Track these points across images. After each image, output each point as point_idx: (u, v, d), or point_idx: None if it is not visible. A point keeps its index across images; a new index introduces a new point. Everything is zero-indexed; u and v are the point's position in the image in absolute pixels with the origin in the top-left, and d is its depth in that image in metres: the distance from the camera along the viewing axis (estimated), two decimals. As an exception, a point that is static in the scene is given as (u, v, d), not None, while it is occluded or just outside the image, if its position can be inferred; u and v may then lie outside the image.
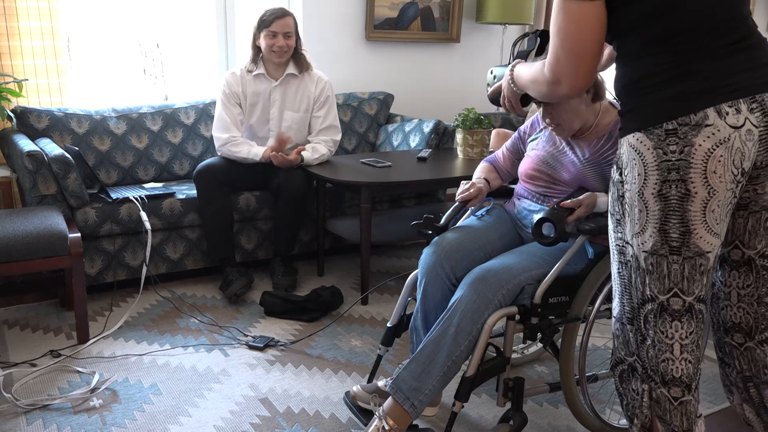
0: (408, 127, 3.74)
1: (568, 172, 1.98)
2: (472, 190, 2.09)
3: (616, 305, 1.45)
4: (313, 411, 2.15)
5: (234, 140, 3.15)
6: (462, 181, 2.17)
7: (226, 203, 3.07)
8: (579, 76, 1.31)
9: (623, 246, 1.38)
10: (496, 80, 1.77)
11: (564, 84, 1.33)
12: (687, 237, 1.29)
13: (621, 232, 1.38)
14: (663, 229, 1.30)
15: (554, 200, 1.95)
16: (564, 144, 2.03)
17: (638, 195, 1.31)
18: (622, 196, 1.35)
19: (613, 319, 1.47)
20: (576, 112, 1.92)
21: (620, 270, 1.41)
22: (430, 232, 2.08)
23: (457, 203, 2.13)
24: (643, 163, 1.29)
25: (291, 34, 3.14)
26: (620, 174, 1.35)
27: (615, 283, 1.44)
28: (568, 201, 1.86)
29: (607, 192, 1.91)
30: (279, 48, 3.11)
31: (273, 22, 3.08)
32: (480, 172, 2.25)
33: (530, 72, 1.47)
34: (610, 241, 1.44)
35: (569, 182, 1.98)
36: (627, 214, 1.35)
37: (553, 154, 2.04)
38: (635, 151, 1.30)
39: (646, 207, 1.30)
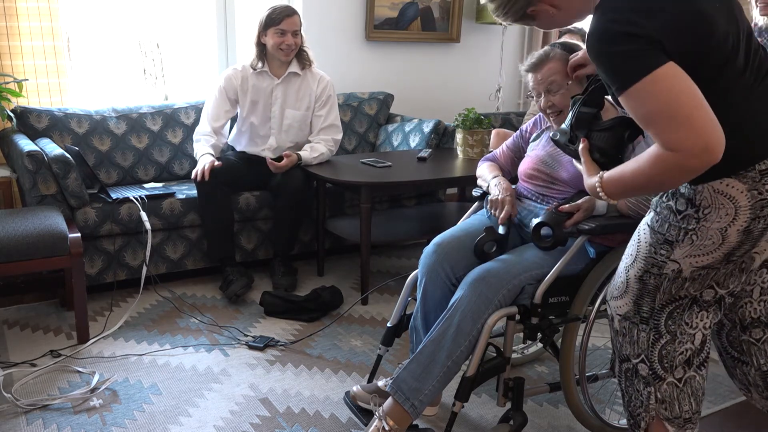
0: (408, 127, 3.74)
1: (567, 171, 1.98)
2: (507, 207, 2.01)
3: (625, 304, 1.44)
4: (313, 411, 2.15)
5: (205, 139, 3.18)
6: (489, 198, 2.09)
7: (226, 203, 3.07)
8: (713, 131, 1.17)
9: (663, 262, 1.37)
10: (561, 146, 1.58)
11: (705, 152, 1.17)
12: (750, 252, 1.32)
13: (667, 251, 1.36)
14: (731, 252, 1.31)
15: (553, 204, 1.95)
16: (564, 144, 2.03)
17: (720, 230, 1.30)
18: (691, 229, 1.32)
19: (618, 317, 1.47)
20: None
21: (645, 278, 1.40)
22: (494, 249, 1.96)
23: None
24: (735, 205, 1.28)
25: (298, 32, 3.15)
26: (696, 211, 1.31)
27: (630, 287, 1.43)
28: (567, 205, 1.87)
29: None
30: (287, 46, 3.11)
31: (282, 20, 3.08)
32: (491, 172, 2.21)
33: (639, 171, 1.27)
34: (636, 250, 1.42)
35: (568, 181, 1.98)
36: (690, 242, 1.33)
37: (552, 153, 2.04)
38: (724, 195, 1.28)
39: (724, 240, 1.30)
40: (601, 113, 1.50)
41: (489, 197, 2.10)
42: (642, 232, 1.42)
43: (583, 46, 2.01)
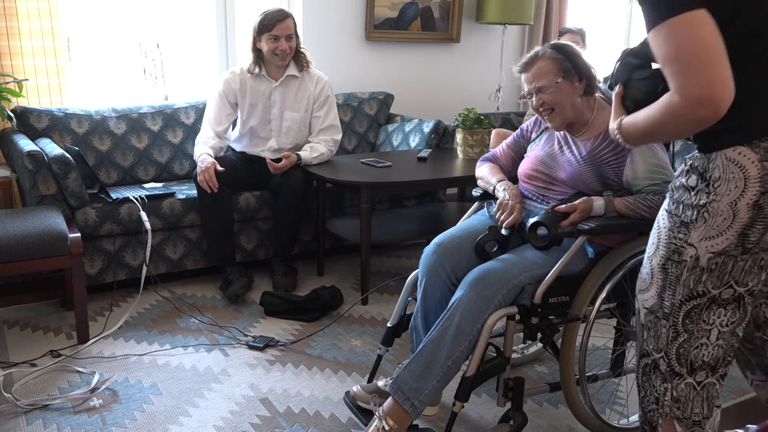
0: (408, 127, 3.74)
1: (565, 172, 1.98)
2: (515, 215, 2.01)
3: (651, 297, 1.45)
4: (313, 411, 2.15)
5: (205, 141, 3.17)
6: (499, 201, 2.07)
7: (226, 203, 3.07)
8: (719, 84, 1.19)
9: (681, 247, 1.38)
10: (602, 92, 1.62)
11: (708, 102, 1.20)
12: (764, 237, 1.32)
13: (684, 234, 1.37)
14: (744, 233, 1.32)
15: (550, 203, 1.95)
16: (563, 143, 2.04)
17: (730, 204, 1.31)
18: (703, 206, 1.33)
19: (644, 311, 1.47)
20: (570, 97, 1.94)
21: (667, 266, 1.41)
22: (495, 249, 1.98)
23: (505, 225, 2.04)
24: (745, 175, 1.29)
25: (292, 36, 3.14)
26: (707, 185, 1.33)
27: (655, 277, 1.44)
28: (563, 206, 1.87)
29: (602, 194, 1.91)
30: (282, 51, 3.11)
31: (275, 25, 3.07)
32: (494, 175, 2.19)
33: (650, 117, 1.32)
34: (657, 238, 1.43)
35: (566, 182, 1.98)
36: (703, 221, 1.34)
37: (551, 153, 2.05)
38: (735, 164, 1.29)
39: (735, 215, 1.31)
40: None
41: (498, 201, 2.08)
42: (660, 218, 1.44)
43: (578, 48, 2.01)
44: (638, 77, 1.46)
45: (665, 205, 1.43)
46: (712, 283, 1.36)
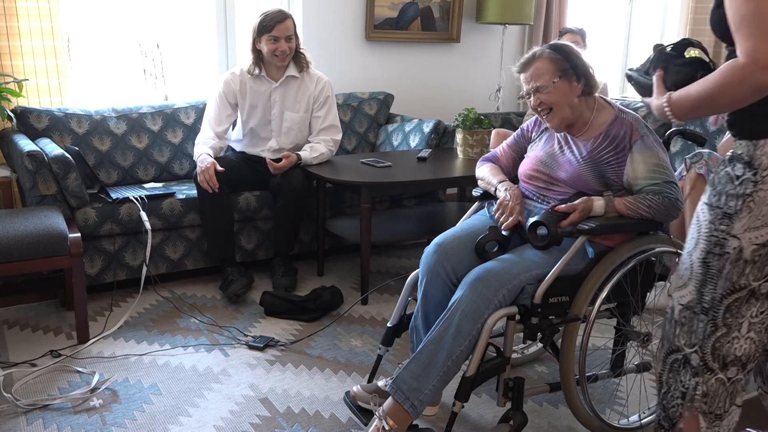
0: (408, 127, 3.74)
1: (565, 171, 1.98)
2: (515, 216, 2.01)
3: (689, 293, 1.44)
4: (313, 411, 2.15)
5: (205, 141, 3.17)
6: (499, 201, 2.07)
7: (226, 203, 3.07)
8: None
9: (724, 238, 1.36)
10: (634, 78, 1.64)
11: None
12: None
13: (727, 225, 1.36)
14: None
15: (551, 203, 1.95)
16: (563, 143, 2.04)
17: None
18: (749, 195, 1.33)
19: (680, 307, 1.46)
20: (568, 97, 1.94)
21: (708, 260, 1.39)
22: (495, 249, 1.98)
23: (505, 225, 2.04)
24: None
25: (292, 37, 3.14)
26: (754, 173, 1.32)
27: (694, 273, 1.43)
28: (563, 206, 1.87)
29: (602, 194, 1.91)
30: (282, 52, 3.11)
31: (274, 27, 3.07)
32: (494, 175, 2.18)
33: (707, 85, 1.31)
34: (697, 232, 1.42)
35: (567, 182, 1.98)
36: (749, 211, 1.33)
37: (551, 153, 2.05)
38: None
39: None
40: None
41: (498, 201, 2.08)
42: (700, 212, 1.43)
43: (577, 48, 2.01)
44: (677, 63, 1.48)
45: (705, 198, 1.41)
46: (754, 276, 1.35)
